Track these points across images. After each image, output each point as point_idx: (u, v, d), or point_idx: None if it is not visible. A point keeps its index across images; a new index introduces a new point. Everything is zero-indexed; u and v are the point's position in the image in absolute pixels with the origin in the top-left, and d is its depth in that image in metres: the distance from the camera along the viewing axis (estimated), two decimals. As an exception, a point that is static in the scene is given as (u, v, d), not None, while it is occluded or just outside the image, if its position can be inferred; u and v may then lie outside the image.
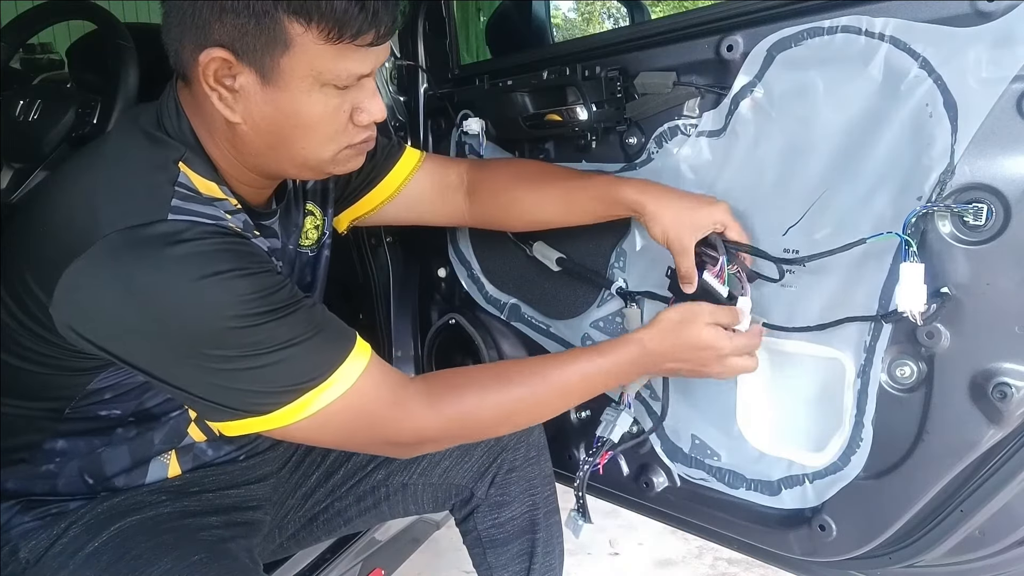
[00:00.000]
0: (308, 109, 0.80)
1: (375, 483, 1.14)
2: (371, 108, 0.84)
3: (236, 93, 0.79)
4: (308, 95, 0.79)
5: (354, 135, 0.85)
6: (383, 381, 0.86)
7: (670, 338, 0.93)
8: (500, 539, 1.16)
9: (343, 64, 0.78)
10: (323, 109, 0.80)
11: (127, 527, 0.90)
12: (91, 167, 0.84)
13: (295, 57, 0.76)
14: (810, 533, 1.00)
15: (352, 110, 0.83)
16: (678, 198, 0.99)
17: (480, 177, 1.18)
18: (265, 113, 0.80)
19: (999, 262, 0.82)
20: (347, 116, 0.83)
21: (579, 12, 12.53)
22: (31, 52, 1.70)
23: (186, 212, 0.77)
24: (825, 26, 0.89)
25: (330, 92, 0.80)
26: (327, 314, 0.86)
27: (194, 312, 0.74)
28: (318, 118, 0.81)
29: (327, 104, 0.80)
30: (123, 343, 0.77)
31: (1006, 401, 0.81)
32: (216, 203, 0.82)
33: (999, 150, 0.81)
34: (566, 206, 1.11)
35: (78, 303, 0.75)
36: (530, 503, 1.16)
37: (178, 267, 0.74)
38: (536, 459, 1.17)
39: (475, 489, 1.15)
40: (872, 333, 0.92)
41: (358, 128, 0.85)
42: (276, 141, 0.83)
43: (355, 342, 0.85)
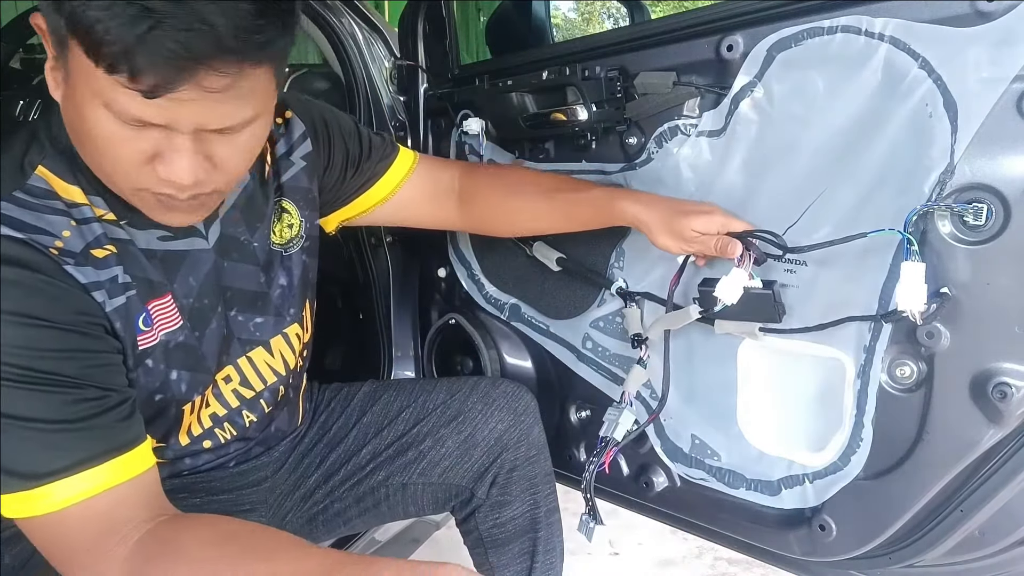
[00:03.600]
0: (90, 124, 0.68)
1: (375, 484, 1.14)
2: (170, 163, 0.69)
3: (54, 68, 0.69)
4: (90, 107, 0.66)
5: (153, 182, 0.72)
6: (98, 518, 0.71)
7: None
8: (502, 539, 1.16)
9: (108, 90, 0.64)
10: (104, 129, 0.67)
11: None
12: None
13: (71, 60, 0.65)
14: (810, 533, 1.01)
15: (152, 153, 0.69)
16: (677, 213, 0.98)
17: (473, 184, 1.17)
18: (67, 107, 0.71)
19: (999, 262, 0.82)
20: (142, 157, 0.70)
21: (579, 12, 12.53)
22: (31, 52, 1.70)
23: (6, 221, 0.71)
24: (825, 26, 0.89)
25: (112, 116, 0.66)
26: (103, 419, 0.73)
27: None
28: (100, 139, 0.68)
29: (108, 126, 0.67)
30: None
31: (1006, 401, 0.81)
32: (72, 208, 0.76)
33: (999, 150, 0.81)
34: (564, 218, 1.11)
35: None
36: (531, 502, 1.16)
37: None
38: (536, 457, 1.16)
39: (475, 489, 1.15)
40: (872, 333, 0.92)
41: (159, 179, 0.71)
42: (77, 142, 0.74)
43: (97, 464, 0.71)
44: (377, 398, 1.19)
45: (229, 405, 0.98)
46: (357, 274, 1.59)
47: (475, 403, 1.15)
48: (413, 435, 1.14)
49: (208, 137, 0.70)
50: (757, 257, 0.95)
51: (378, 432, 1.16)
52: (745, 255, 0.94)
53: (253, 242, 0.96)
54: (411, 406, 1.17)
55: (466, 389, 1.17)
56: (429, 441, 1.14)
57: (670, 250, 1.01)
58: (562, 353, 1.29)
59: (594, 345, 1.25)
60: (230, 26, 0.62)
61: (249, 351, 0.99)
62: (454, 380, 1.22)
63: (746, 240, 0.95)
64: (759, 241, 0.96)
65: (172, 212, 0.77)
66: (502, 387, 1.18)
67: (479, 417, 1.14)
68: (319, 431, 1.18)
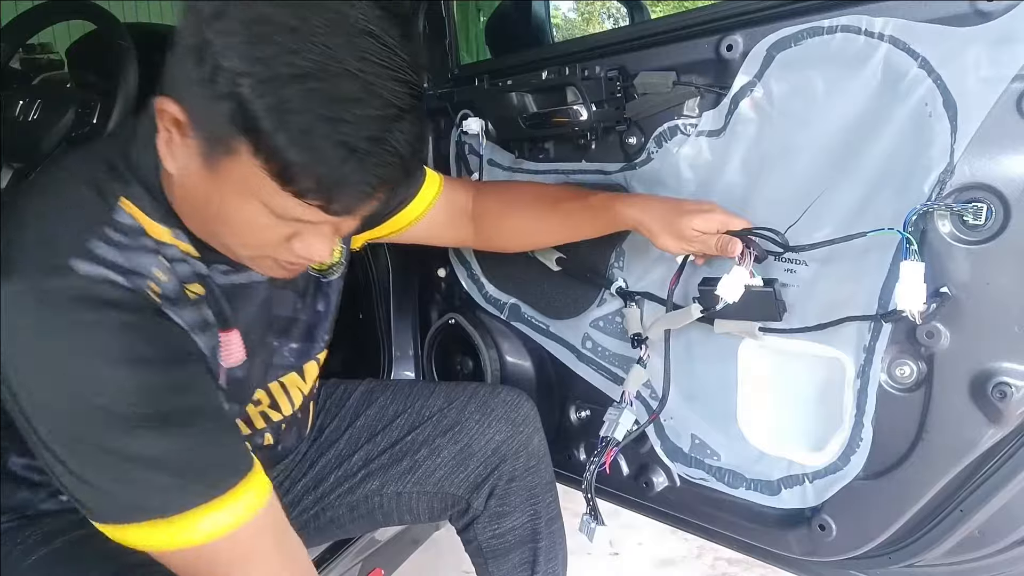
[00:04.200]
0: (236, 216, 0.70)
1: (368, 492, 1.12)
2: (311, 247, 0.73)
3: (182, 148, 0.70)
4: (240, 202, 0.68)
5: (284, 253, 0.74)
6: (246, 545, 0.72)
7: None
8: (501, 549, 1.14)
9: (286, 205, 0.67)
10: (252, 222, 0.70)
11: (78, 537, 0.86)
12: (42, 185, 0.77)
13: (236, 167, 0.66)
14: (810, 533, 1.00)
15: (292, 234, 0.72)
16: (676, 212, 0.98)
17: (483, 204, 1.18)
18: (197, 185, 0.71)
19: (999, 261, 0.82)
20: (282, 238, 0.72)
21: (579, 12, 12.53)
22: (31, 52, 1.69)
23: (105, 262, 0.70)
24: (824, 26, 0.89)
25: (265, 212, 0.68)
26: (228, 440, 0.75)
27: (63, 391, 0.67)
28: (244, 227, 0.71)
29: (258, 220, 0.69)
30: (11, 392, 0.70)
31: (1006, 401, 0.81)
32: (161, 247, 0.76)
33: (999, 150, 0.80)
34: (568, 228, 1.11)
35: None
36: (531, 512, 1.14)
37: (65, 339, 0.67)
38: (536, 468, 1.14)
39: (472, 500, 1.13)
40: (872, 333, 0.92)
41: (291, 252, 0.74)
42: (201, 215, 0.75)
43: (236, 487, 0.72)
44: (372, 400, 1.18)
45: (254, 426, 0.98)
46: (357, 274, 1.59)
47: (472, 412, 1.13)
48: (408, 442, 1.13)
49: None
50: (758, 255, 0.95)
51: (371, 437, 1.14)
52: (746, 253, 0.94)
53: None
54: (407, 411, 1.16)
55: (464, 397, 1.16)
56: (425, 450, 1.12)
57: (671, 250, 1.01)
58: (562, 353, 1.29)
59: (594, 345, 1.24)
60: (411, 152, 0.67)
61: (281, 376, 0.99)
62: (452, 386, 1.20)
63: (747, 238, 0.95)
64: (759, 239, 0.96)
65: (285, 271, 0.79)
66: (501, 395, 1.16)
67: (476, 427, 1.12)
68: (312, 433, 1.16)
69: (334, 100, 0.62)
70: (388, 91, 0.64)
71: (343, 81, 0.62)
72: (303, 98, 0.61)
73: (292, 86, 0.61)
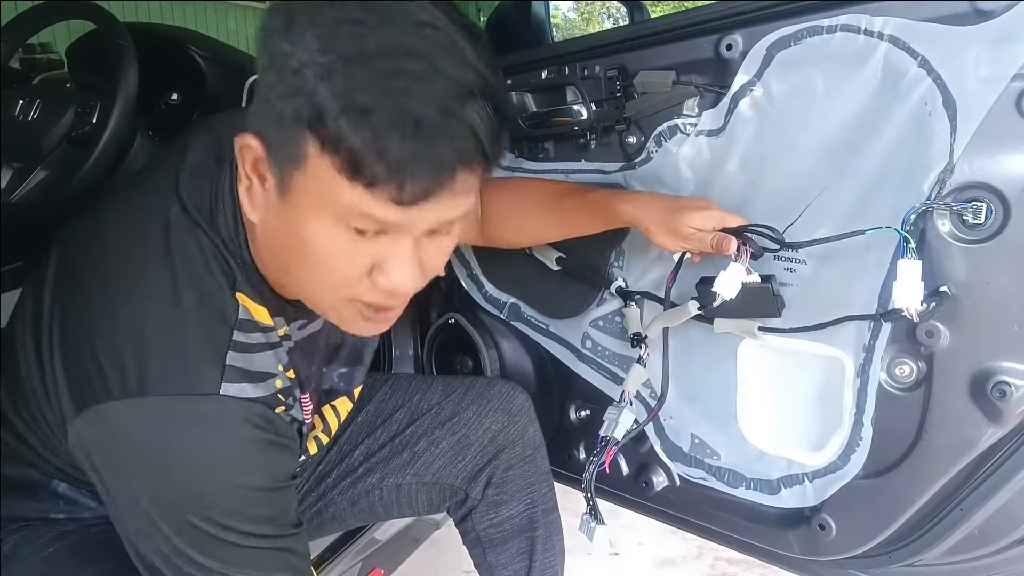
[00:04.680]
0: (314, 239, 0.66)
1: (369, 486, 1.14)
2: (392, 272, 0.68)
3: (261, 193, 0.69)
4: (316, 221, 0.65)
5: (366, 293, 0.70)
6: None
7: None
8: (499, 538, 1.16)
9: (358, 203, 0.63)
10: (329, 243, 0.66)
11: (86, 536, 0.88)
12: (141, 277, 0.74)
13: (307, 176, 0.63)
14: (810, 532, 1.00)
15: (373, 265, 0.68)
16: (673, 210, 0.98)
17: (486, 201, 1.17)
18: (277, 226, 0.69)
19: (998, 261, 0.82)
20: (363, 268, 0.68)
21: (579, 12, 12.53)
22: (31, 52, 1.69)
23: (241, 374, 0.73)
24: (824, 25, 0.89)
25: (341, 228, 0.65)
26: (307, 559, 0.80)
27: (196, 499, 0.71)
28: (323, 252, 0.67)
29: (334, 239, 0.66)
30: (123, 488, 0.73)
31: (1005, 400, 0.81)
32: (269, 335, 0.77)
33: (998, 149, 0.81)
34: (567, 226, 1.11)
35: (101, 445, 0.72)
36: (528, 501, 1.16)
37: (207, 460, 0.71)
38: (532, 457, 1.16)
39: (469, 490, 1.14)
40: (872, 332, 0.92)
41: (374, 288, 0.69)
42: (283, 261, 0.73)
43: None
44: (372, 395, 1.19)
45: (308, 453, 0.98)
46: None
47: (469, 404, 1.15)
48: (407, 436, 1.14)
49: (423, 241, 0.69)
50: (754, 251, 0.95)
51: (371, 432, 1.16)
52: (742, 250, 0.94)
53: None
54: (406, 405, 1.17)
55: (461, 390, 1.18)
56: (424, 442, 1.14)
57: (667, 247, 1.01)
58: (562, 352, 1.29)
59: (594, 344, 1.24)
60: (487, 131, 0.63)
61: (333, 400, 1.00)
62: (450, 379, 1.22)
63: (743, 235, 0.96)
64: (756, 236, 0.96)
65: (372, 324, 0.75)
66: (497, 387, 1.18)
67: (473, 418, 1.14)
68: None
69: (399, 77, 0.60)
70: (456, 72, 0.61)
71: (408, 61, 0.60)
72: (366, 77, 0.59)
73: (355, 67, 0.59)
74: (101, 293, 0.75)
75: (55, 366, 0.75)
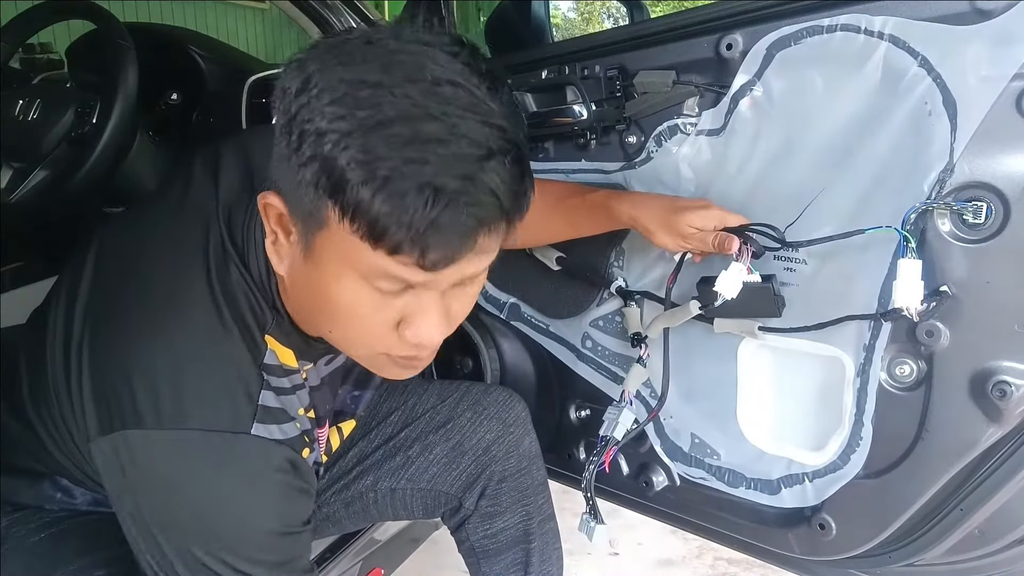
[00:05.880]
0: (340, 297, 0.67)
1: (363, 488, 1.13)
2: (420, 326, 0.67)
3: (287, 246, 0.70)
4: (339, 281, 0.66)
5: (396, 346, 0.70)
6: None
7: None
8: (493, 549, 1.15)
9: (382, 266, 0.63)
10: (355, 300, 0.67)
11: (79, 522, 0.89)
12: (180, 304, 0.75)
13: (330, 239, 0.64)
14: (810, 532, 1.00)
15: (400, 319, 0.68)
16: (673, 210, 0.98)
17: None
18: (304, 282, 0.70)
19: (998, 260, 0.82)
20: (391, 323, 0.68)
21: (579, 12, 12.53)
22: (31, 52, 1.70)
23: (271, 415, 0.74)
24: (824, 24, 0.89)
25: (366, 286, 0.66)
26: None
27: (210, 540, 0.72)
28: (350, 310, 0.68)
29: (360, 297, 0.66)
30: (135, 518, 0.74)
31: (1006, 399, 0.81)
32: (291, 375, 0.78)
33: (998, 148, 0.81)
34: (568, 226, 1.11)
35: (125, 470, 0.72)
36: (523, 513, 1.14)
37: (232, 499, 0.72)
38: (527, 469, 1.15)
39: (463, 499, 1.13)
40: (872, 332, 0.92)
41: (403, 342, 0.69)
42: (313, 315, 0.74)
43: None
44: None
45: None
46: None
47: (465, 410, 1.14)
48: (401, 439, 1.13)
49: (449, 293, 0.69)
50: (755, 250, 0.95)
51: (365, 434, 1.15)
52: (743, 249, 0.94)
53: None
54: (400, 408, 1.16)
55: (457, 395, 1.16)
56: (417, 447, 1.12)
57: (668, 247, 1.01)
58: (562, 352, 1.29)
59: (594, 344, 1.24)
60: (508, 192, 0.62)
61: (340, 422, 1.01)
62: (446, 384, 1.20)
63: (744, 234, 0.96)
64: (757, 235, 0.96)
65: (405, 371, 0.76)
66: (493, 395, 1.17)
67: (468, 425, 1.13)
68: None
69: (417, 142, 0.59)
70: (475, 132, 0.60)
71: (426, 124, 0.59)
72: (385, 145, 0.58)
73: (373, 135, 0.58)
74: (138, 317, 0.75)
75: (83, 383, 0.75)
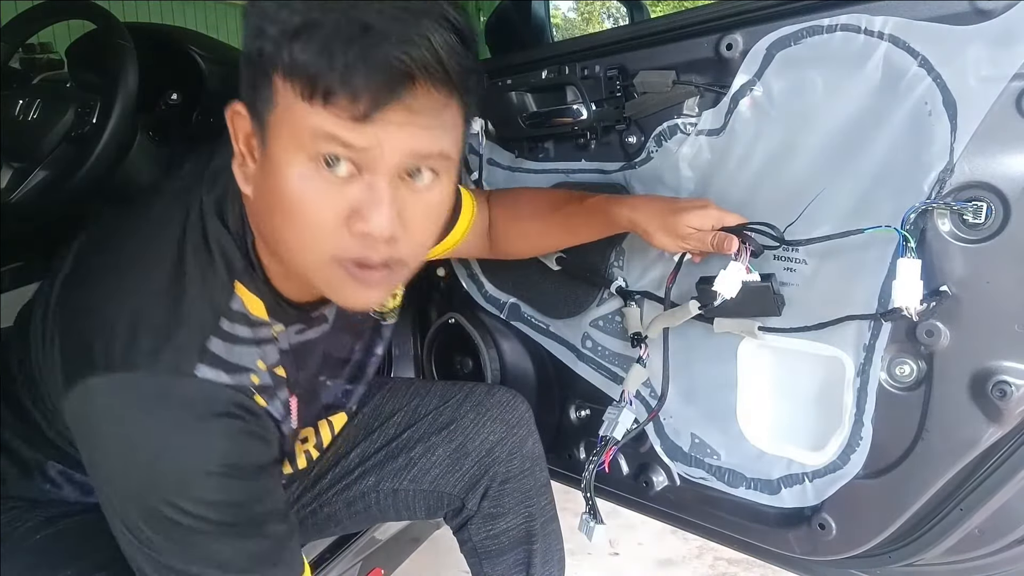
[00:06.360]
0: (291, 185, 0.66)
1: (365, 488, 1.13)
2: (368, 214, 0.66)
3: (254, 164, 0.71)
4: (290, 167, 0.66)
5: (345, 245, 0.68)
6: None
7: None
8: (495, 550, 1.14)
9: (321, 125, 0.64)
10: (305, 187, 0.66)
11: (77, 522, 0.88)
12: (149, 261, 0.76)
13: (279, 114, 0.65)
14: (810, 532, 1.00)
15: (349, 212, 0.67)
16: (671, 211, 0.98)
17: (493, 214, 1.18)
18: (262, 190, 0.70)
19: (999, 260, 0.82)
20: (340, 215, 0.67)
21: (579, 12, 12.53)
22: (31, 52, 1.69)
23: (218, 362, 0.73)
24: (824, 24, 0.89)
25: (313, 168, 0.66)
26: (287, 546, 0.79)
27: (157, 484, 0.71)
28: (301, 198, 0.67)
29: (310, 182, 0.66)
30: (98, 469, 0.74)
31: (1006, 399, 0.81)
32: (259, 328, 0.78)
33: (998, 148, 0.81)
34: (568, 233, 1.12)
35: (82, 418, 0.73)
36: (526, 514, 1.14)
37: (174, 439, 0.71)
38: (530, 470, 1.14)
39: (466, 500, 1.13)
40: (872, 332, 0.92)
41: (352, 237, 0.68)
42: (272, 227, 0.72)
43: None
44: (370, 398, 1.18)
45: (297, 466, 0.98)
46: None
47: (468, 411, 1.14)
48: (404, 440, 1.13)
49: (402, 193, 0.69)
50: (754, 250, 0.95)
51: (368, 435, 1.15)
52: (742, 248, 0.94)
53: (361, 315, 0.98)
54: (403, 409, 1.16)
55: (460, 396, 1.16)
56: (420, 448, 1.12)
57: (668, 249, 1.01)
58: (562, 352, 1.29)
59: (594, 344, 1.24)
60: (444, 44, 0.63)
61: (331, 415, 1.00)
62: (449, 385, 1.20)
63: (742, 233, 0.96)
64: (755, 234, 0.96)
65: (362, 287, 0.73)
66: (497, 396, 1.16)
67: (471, 427, 1.12)
68: None
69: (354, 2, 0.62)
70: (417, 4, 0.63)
71: None
72: (319, 9, 0.62)
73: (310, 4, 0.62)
74: (106, 276, 0.77)
75: (55, 346, 0.76)
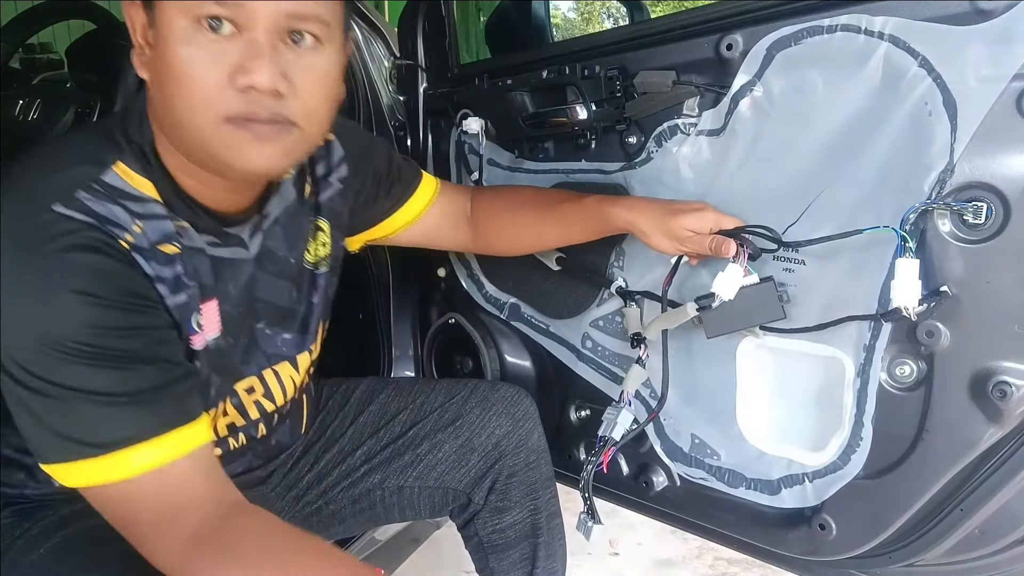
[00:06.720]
0: (175, 49, 0.71)
1: (370, 486, 1.13)
2: (249, 67, 0.71)
3: (150, 53, 0.74)
4: (174, 31, 0.70)
5: (233, 102, 0.72)
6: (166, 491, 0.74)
7: None
8: (501, 544, 1.15)
9: None
10: (188, 50, 0.71)
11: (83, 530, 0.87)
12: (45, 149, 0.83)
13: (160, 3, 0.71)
14: (810, 532, 1.00)
15: (232, 68, 0.71)
16: (669, 213, 0.99)
17: (480, 208, 1.19)
18: (154, 64, 0.74)
19: (999, 260, 0.82)
20: (224, 73, 0.71)
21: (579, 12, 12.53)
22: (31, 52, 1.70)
23: (84, 209, 0.74)
24: (824, 25, 0.89)
25: (197, 30, 0.70)
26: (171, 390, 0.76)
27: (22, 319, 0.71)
28: (186, 60, 0.71)
29: (192, 45, 0.71)
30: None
31: (1006, 400, 0.81)
32: (143, 204, 0.78)
33: (999, 148, 0.80)
34: (563, 232, 1.12)
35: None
36: (531, 508, 1.15)
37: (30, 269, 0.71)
38: (536, 463, 1.15)
39: (472, 495, 1.14)
40: (872, 332, 0.92)
41: (239, 94, 0.72)
42: (163, 103, 0.75)
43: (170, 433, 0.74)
44: (375, 397, 1.19)
45: (249, 416, 0.98)
46: (357, 274, 1.59)
47: (473, 407, 1.14)
48: (410, 437, 1.14)
49: (285, 55, 0.74)
50: (752, 252, 0.95)
51: (374, 433, 1.15)
52: (740, 251, 0.94)
53: (290, 258, 0.98)
54: (409, 407, 1.17)
55: (465, 392, 1.17)
56: (426, 445, 1.13)
57: (665, 251, 1.01)
58: (562, 352, 1.29)
59: (594, 345, 1.24)
60: None
61: (275, 364, 1.00)
62: (453, 382, 1.21)
63: (740, 236, 0.96)
64: (753, 236, 0.96)
65: (255, 142, 0.74)
66: (501, 391, 1.17)
67: (477, 422, 1.13)
68: (316, 431, 1.17)
69: None
70: None
71: None
72: None
73: None
74: None
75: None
